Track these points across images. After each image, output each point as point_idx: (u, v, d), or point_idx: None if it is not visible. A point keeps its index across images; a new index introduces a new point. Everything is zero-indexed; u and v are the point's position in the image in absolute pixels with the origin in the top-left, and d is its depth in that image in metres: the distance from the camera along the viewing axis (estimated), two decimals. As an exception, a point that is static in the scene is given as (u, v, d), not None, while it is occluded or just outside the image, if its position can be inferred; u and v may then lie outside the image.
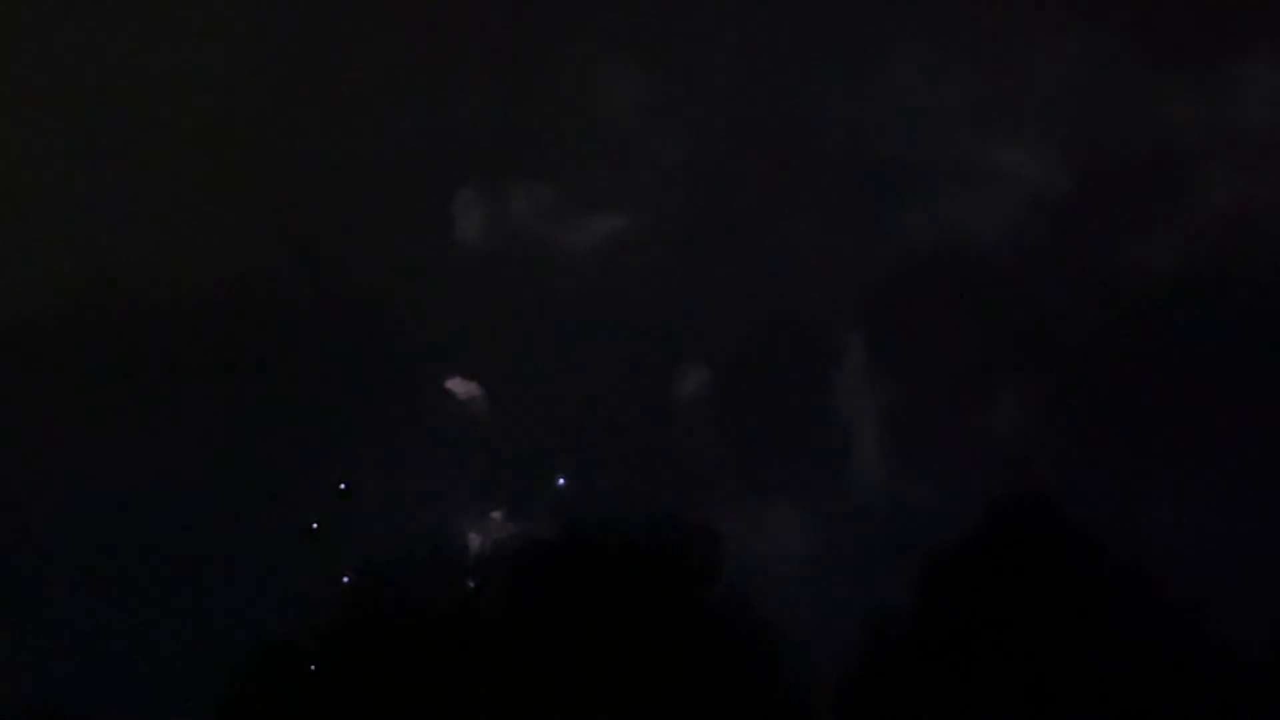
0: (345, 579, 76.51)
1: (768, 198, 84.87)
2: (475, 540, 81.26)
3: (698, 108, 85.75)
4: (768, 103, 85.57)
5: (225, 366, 79.10)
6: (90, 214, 79.36)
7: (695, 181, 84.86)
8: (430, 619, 68.81)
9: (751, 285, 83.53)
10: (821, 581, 75.68)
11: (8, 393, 75.84)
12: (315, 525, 76.66)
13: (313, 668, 66.81)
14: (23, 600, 71.85)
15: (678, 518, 73.01)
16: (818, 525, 78.83)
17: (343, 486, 78.17)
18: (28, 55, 78.43)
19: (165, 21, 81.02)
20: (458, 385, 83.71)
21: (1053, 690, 58.43)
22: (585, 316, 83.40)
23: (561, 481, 78.57)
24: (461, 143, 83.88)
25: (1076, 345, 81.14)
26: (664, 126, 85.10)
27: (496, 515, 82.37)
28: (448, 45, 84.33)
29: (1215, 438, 77.08)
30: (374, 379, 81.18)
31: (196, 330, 79.68)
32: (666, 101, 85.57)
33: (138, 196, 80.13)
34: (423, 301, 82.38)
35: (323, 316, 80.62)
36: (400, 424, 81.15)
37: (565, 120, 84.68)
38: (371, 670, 66.14)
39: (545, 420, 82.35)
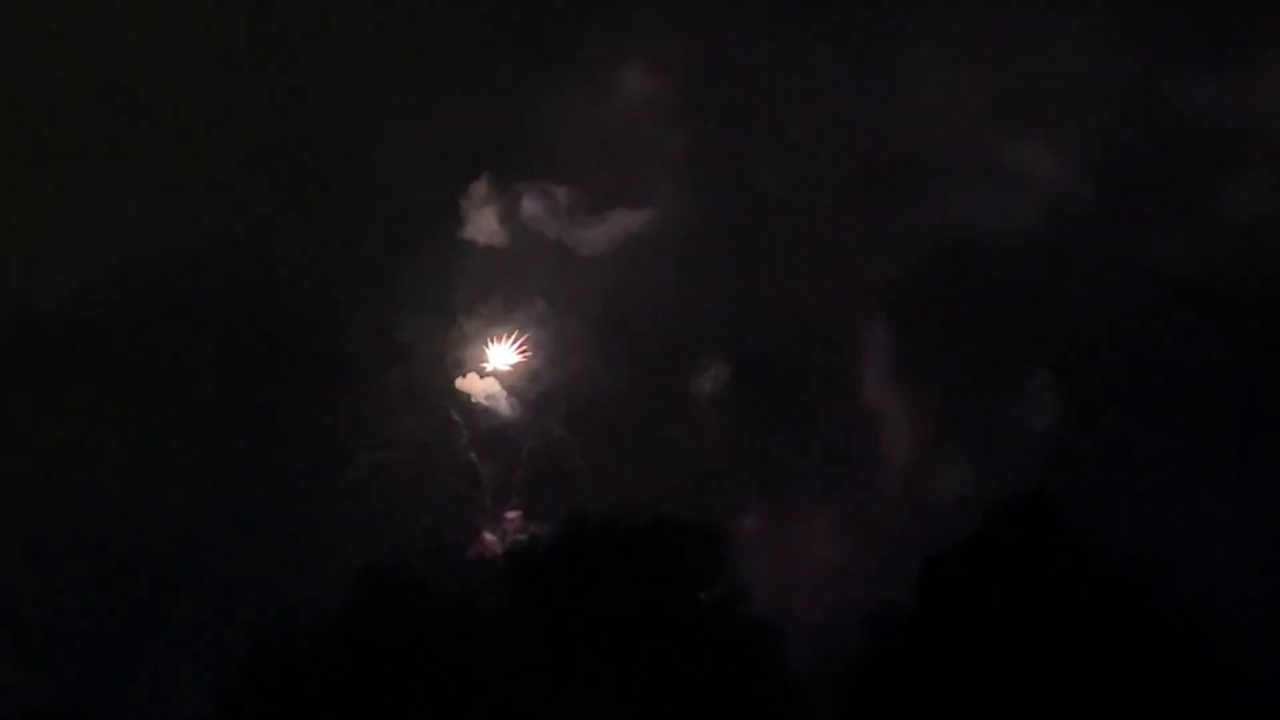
0: None
1: (786, 195, 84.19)
2: (492, 540, 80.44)
3: (714, 105, 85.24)
4: (786, 100, 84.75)
5: (233, 365, 77.43)
6: (91, 212, 78.35)
7: (713, 179, 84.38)
8: (445, 617, 67.74)
9: (770, 281, 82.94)
10: (843, 577, 74.99)
11: (8, 392, 75.68)
12: None
13: (324, 666, 65.69)
14: (22, 600, 71.76)
15: (698, 514, 72.22)
16: (839, 520, 78.13)
17: None
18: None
19: (176, 17, 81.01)
20: (472, 384, 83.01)
21: (1083, 682, 57.41)
22: (603, 313, 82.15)
23: None
24: (475, 141, 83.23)
25: (1096, 341, 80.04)
26: (682, 124, 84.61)
27: (513, 515, 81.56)
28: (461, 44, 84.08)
29: (1235, 436, 76.02)
30: (386, 376, 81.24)
31: (203, 329, 78.15)
32: (684, 100, 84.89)
33: (138, 196, 78.54)
34: (435, 299, 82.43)
35: (333, 314, 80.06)
36: (412, 421, 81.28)
37: (581, 119, 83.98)
38: (383, 669, 65.11)
39: (563, 418, 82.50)
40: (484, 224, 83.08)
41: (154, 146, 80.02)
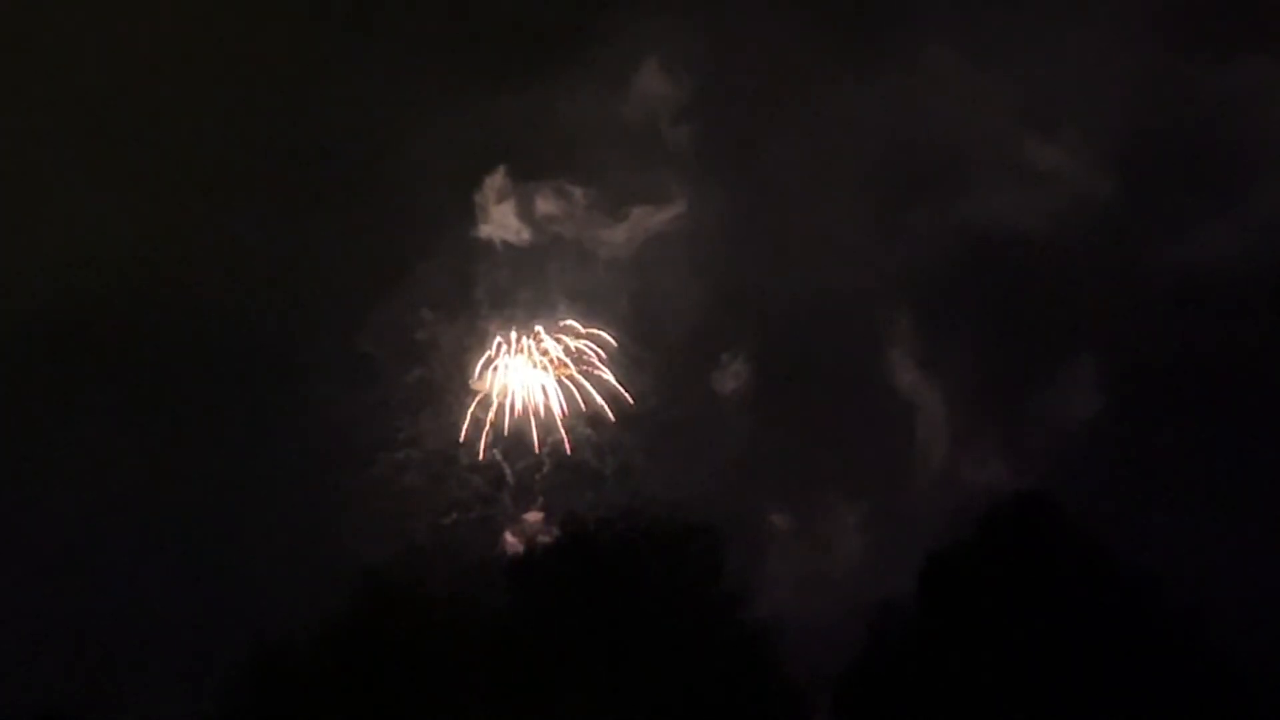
0: None
1: (807, 191, 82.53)
2: (511, 540, 79.27)
3: (732, 102, 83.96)
4: (805, 95, 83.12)
5: (251, 363, 75.95)
6: (107, 208, 76.95)
7: (733, 176, 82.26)
8: (448, 618, 66.74)
9: (791, 279, 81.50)
10: (861, 575, 73.86)
11: (15, 388, 74.74)
12: None
13: (327, 667, 64.62)
14: (22, 600, 70.96)
15: (720, 512, 71.38)
16: (867, 515, 76.78)
17: None
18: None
19: (193, 14, 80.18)
20: (486, 384, 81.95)
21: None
22: (625, 311, 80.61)
23: None
24: (493, 140, 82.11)
25: (1114, 339, 77.70)
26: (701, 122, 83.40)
27: (532, 517, 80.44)
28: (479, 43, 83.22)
29: (1249, 435, 74.12)
30: (406, 375, 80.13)
31: (220, 327, 76.49)
32: (702, 97, 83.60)
33: (154, 193, 77.60)
34: (455, 298, 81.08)
35: (351, 313, 78.78)
36: (432, 421, 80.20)
37: (599, 118, 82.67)
38: (387, 671, 64.14)
39: (584, 416, 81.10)
40: (502, 223, 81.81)
41: (170, 143, 79.01)
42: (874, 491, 76.73)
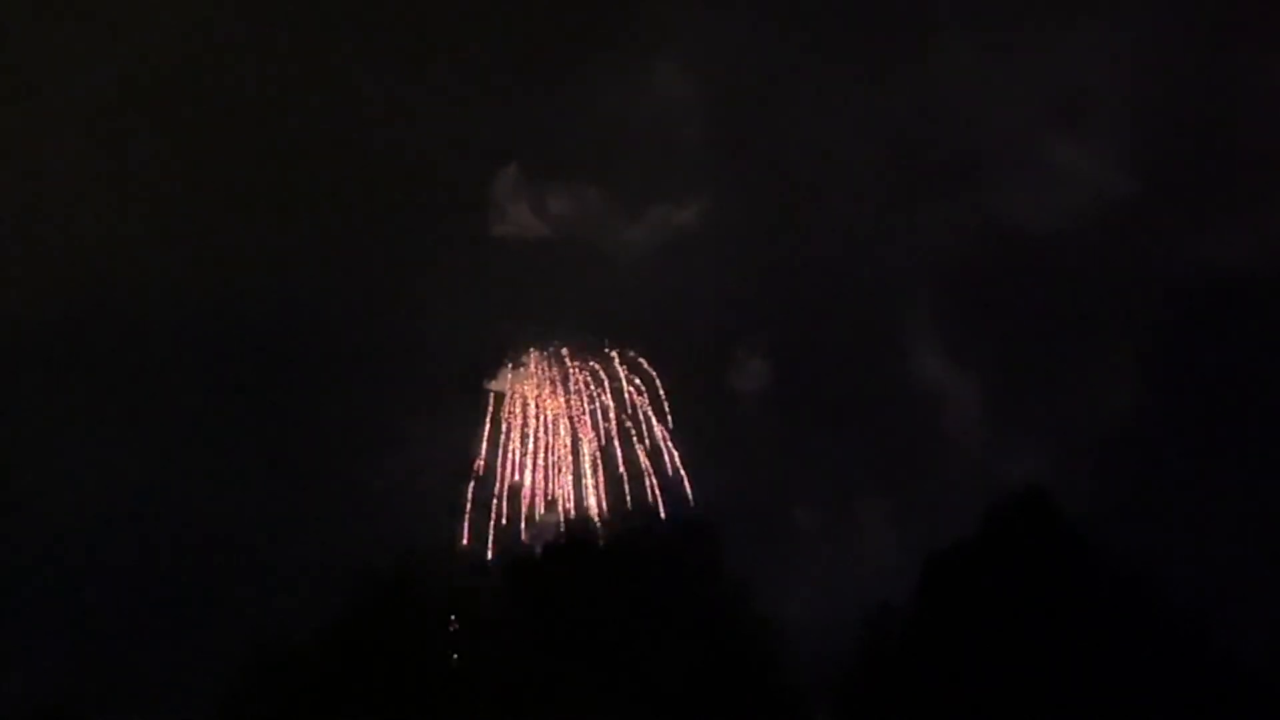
0: None
1: (827, 186, 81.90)
2: (524, 541, 78.75)
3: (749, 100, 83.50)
4: (822, 93, 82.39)
5: (263, 364, 75.18)
6: (104, 214, 76.89)
7: (750, 175, 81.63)
8: (468, 615, 66.70)
9: (808, 277, 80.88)
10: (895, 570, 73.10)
11: (12, 391, 74.32)
12: None
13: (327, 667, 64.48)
14: (25, 600, 70.80)
15: (739, 508, 71.39)
16: (880, 514, 75.39)
17: None
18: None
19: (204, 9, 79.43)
20: (500, 384, 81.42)
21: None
22: (641, 310, 79.45)
23: None
24: (507, 139, 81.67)
25: (1123, 336, 77.07)
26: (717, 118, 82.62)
27: (543, 517, 79.88)
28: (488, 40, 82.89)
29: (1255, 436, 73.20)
30: (410, 376, 79.38)
31: (231, 328, 75.77)
32: (721, 95, 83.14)
33: (161, 189, 77.25)
34: (464, 297, 79.81)
35: (356, 312, 77.86)
36: (445, 420, 79.73)
37: (615, 116, 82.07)
38: (386, 670, 64.04)
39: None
40: (517, 220, 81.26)
41: (177, 141, 78.74)
42: (889, 490, 75.88)
